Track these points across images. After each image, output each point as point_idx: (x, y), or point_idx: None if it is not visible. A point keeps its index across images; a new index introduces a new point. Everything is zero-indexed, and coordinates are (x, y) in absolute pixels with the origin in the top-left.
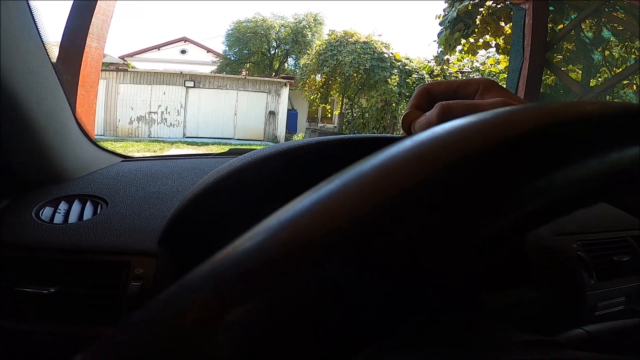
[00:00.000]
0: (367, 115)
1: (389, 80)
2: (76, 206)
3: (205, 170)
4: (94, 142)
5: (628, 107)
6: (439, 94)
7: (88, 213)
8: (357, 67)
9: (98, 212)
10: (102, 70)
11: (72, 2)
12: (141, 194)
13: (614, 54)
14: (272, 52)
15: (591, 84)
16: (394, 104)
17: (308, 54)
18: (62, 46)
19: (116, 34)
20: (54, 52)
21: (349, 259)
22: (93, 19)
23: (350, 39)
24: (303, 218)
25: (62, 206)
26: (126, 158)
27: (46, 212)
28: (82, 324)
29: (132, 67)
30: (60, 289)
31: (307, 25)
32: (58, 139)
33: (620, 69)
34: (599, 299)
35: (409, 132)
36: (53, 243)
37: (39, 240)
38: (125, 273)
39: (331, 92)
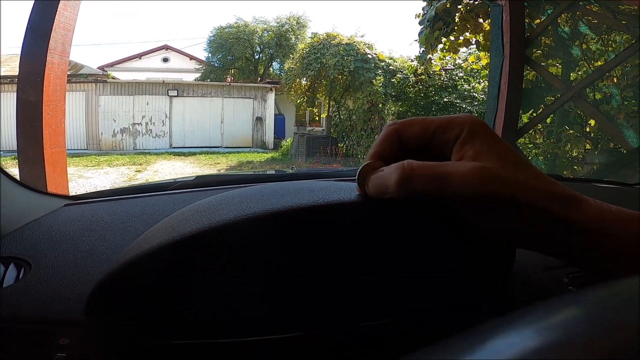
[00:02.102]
0: (354, 117)
1: (374, 81)
2: None
3: (157, 216)
4: (28, 187)
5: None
6: (412, 138)
7: (10, 278)
8: (342, 69)
9: (20, 277)
10: (80, 82)
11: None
12: (72, 253)
13: (592, 47)
14: (257, 57)
15: (571, 78)
16: (380, 105)
17: (292, 58)
18: (22, 65)
19: (94, 44)
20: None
21: None
22: (52, 34)
23: (333, 41)
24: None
25: None
26: (72, 199)
27: None
28: None
29: (112, 78)
30: None
31: (290, 29)
32: None
33: (599, 62)
34: None
35: (364, 187)
36: None
37: None
38: (48, 343)
39: (317, 96)
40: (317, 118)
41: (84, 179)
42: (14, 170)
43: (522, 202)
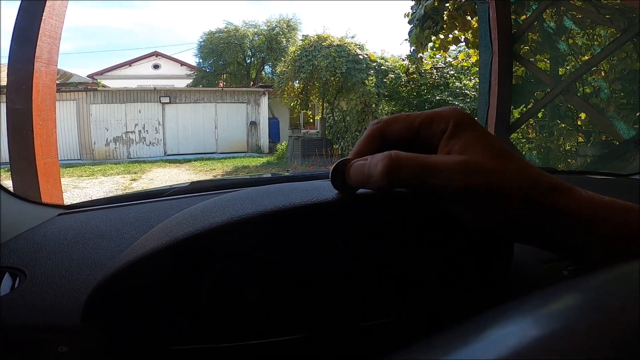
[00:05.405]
0: (348, 118)
1: (366, 81)
2: None
3: (152, 223)
4: (21, 197)
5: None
6: (396, 135)
7: (6, 287)
8: (334, 70)
9: (16, 286)
10: (70, 91)
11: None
12: (66, 261)
13: (578, 42)
14: (248, 61)
15: (560, 73)
16: (373, 105)
17: (284, 61)
18: (10, 75)
19: (83, 52)
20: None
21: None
22: (38, 42)
23: (324, 43)
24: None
25: None
26: (65, 208)
27: None
28: None
29: (102, 86)
30: None
31: (280, 32)
32: None
33: (586, 57)
34: None
35: (343, 185)
36: None
37: None
38: (47, 351)
39: (311, 98)
40: (311, 120)
41: (79, 189)
42: (7, 183)
43: (509, 193)
